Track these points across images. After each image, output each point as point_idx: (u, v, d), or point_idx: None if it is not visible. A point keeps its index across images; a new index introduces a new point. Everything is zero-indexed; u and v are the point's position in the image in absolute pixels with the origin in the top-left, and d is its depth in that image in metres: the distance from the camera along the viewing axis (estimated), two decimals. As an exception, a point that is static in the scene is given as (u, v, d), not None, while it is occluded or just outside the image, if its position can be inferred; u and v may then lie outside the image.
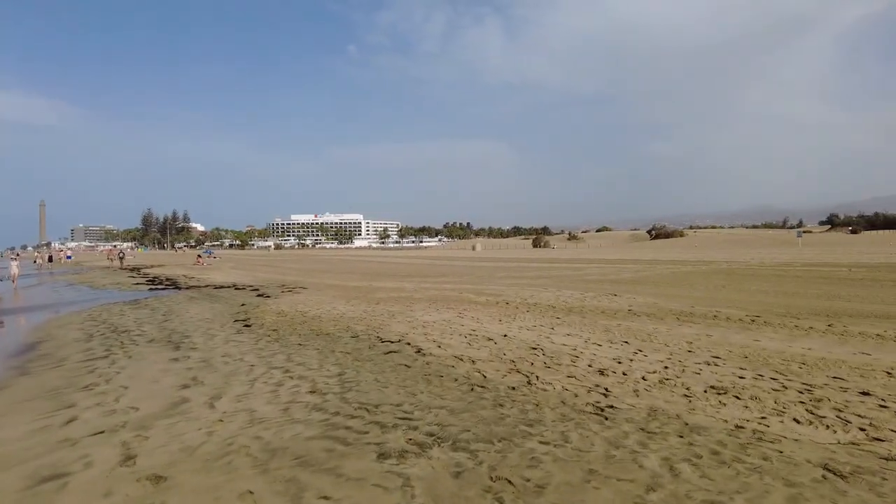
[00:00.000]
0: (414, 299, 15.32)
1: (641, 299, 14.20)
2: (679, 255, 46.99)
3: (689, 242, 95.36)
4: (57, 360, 9.11)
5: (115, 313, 15.02)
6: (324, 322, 11.55)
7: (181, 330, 11.42)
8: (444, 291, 17.48)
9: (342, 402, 5.72)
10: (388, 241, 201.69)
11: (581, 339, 9.13)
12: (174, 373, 7.59)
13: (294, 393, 6.19)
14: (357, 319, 11.71)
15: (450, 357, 7.69)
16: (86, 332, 11.92)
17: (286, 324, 11.56)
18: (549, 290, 16.98)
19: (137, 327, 12.14)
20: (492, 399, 5.72)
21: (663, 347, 8.43)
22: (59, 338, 11.47)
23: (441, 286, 19.89)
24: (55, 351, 10.02)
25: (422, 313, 12.28)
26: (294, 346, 9.04)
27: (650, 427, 4.93)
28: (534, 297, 14.75)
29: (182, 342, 10.01)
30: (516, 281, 21.39)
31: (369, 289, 19.86)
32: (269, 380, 6.88)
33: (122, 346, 9.87)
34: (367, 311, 13.16)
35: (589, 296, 14.97)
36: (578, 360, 7.56)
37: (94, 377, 7.63)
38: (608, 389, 6.11)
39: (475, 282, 21.83)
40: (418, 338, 9.25)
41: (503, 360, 7.46)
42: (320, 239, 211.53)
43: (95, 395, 6.67)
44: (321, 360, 7.83)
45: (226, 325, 11.81)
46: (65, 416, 5.94)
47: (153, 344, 9.99)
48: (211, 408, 5.83)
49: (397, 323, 10.96)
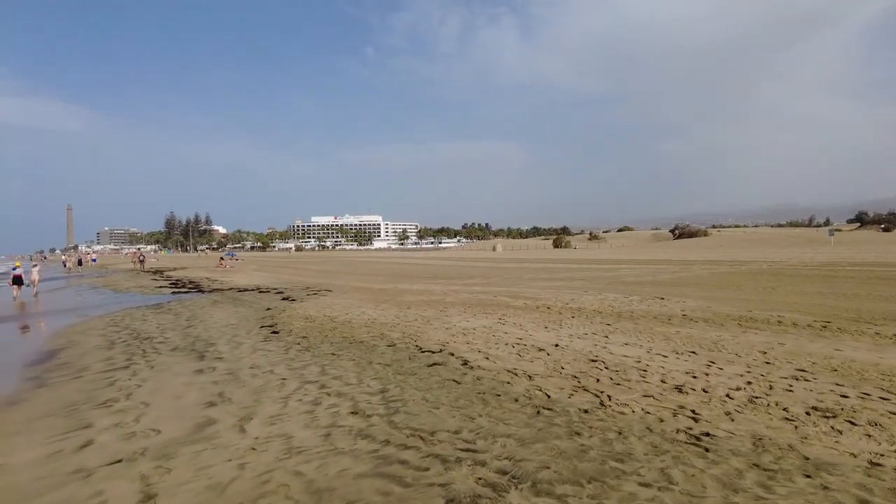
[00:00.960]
0: (446, 303, 14.56)
1: (692, 303, 13.24)
2: (709, 255, 45.50)
3: (714, 242, 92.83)
4: (77, 371, 8.55)
5: (137, 318, 14.54)
6: (355, 328, 10.84)
7: (205, 337, 10.81)
8: (476, 295, 16.69)
9: (391, 428, 4.97)
10: (407, 242, 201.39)
11: (642, 348, 8.27)
12: (199, 387, 6.93)
13: (334, 414, 5.46)
14: (390, 325, 10.99)
15: (502, 371, 6.90)
16: (107, 339, 11.40)
17: (316, 330, 10.88)
18: (588, 293, 16.08)
19: (160, 334, 11.58)
20: (565, 425, 4.92)
21: (736, 358, 7.54)
22: (81, 345, 10.96)
23: (471, 289, 19.11)
24: (75, 360, 9.48)
25: (459, 319, 11.51)
26: (327, 357, 8.33)
27: (764, 462, 4.10)
28: (575, 301, 13.88)
29: (206, 351, 9.38)
30: (549, 283, 20.50)
31: (396, 291, 19.17)
32: (303, 397, 6.17)
33: (144, 355, 9.28)
34: (398, 315, 12.43)
35: (634, 299, 14.05)
36: (648, 374, 6.72)
37: (113, 391, 7.01)
38: (695, 412, 5.27)
39: (505, 284, 21.00)
40: (461, 347, 8.48)
41: (564, 376, 6.64)
42: (340, 240, 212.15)
43: (114, 413, 6.04)
44: (359, 374, 7.10)
45: (252, 332, 11.17)
46: (80, 438, 5.30)
47: (176, 353, 9.38)
48: (241, 431, 5.13)
49: (434, 330, 10.20)
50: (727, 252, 53.34)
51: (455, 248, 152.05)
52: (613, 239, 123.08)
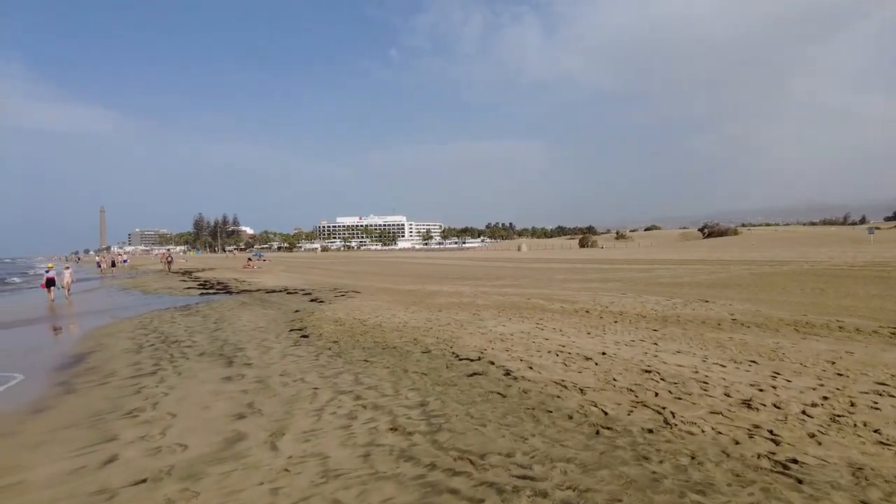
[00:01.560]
0: (478, 306, 14.08)
1: (739, 306, 12.52)
2: (743, 255, 44.02)
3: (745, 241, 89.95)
4: (104, 376, 8.32)
5: (165, 320, 14.40)
6: (386, 332, 10.45)
7: (233, 341, 10.54)
8: (508, 297, 16.17)
9: (436, 448, 4.52)
10: (431, 242, 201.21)
11: (696, 357, 7.68)
12: (227, 396, 6.60)
13: (372, 431, 5.04)
14: (423, 330, 10.56)
15: (549, 383, 6.40)
16: (135, 342, 11.22)
17: (346, 334, 10.52)
18: (626, 295, 15.43)
19: (188, 337, 11.36)
20: (630, 448, 4.41)
21: (803, 369, 6.91)
22: (108, 348, 10.79)
23: (501, 290, 18.59)
24: (103, 364, 9.28)
25: (494, 323, 11.02)
26: (360, 363, 7.94)
27: (872, 500, 3.54)
28: (615, 305, 13.27)
29: (235, 356, 9.08)
30: (583, 285, 19.86)
31: (424, 293, 18.77)
32: (338, 409, 5.76)
33: (172, 361, 9.03)
34: (430, 319, 12.00)
35: (677, 302, 13.37)
36: (709, 387, 6.15)
37: (140, 400, 6.72)
38: (773, 433, 4.70)
39: (537, 285, 20.42)
40: (501, 355, 8.00)
41: (618, 389, 6.11)
42: (365, 241, 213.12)
43: (140, 424, 5.73)
44: (395, 384, 6.68)
45: (281, 336, 10.86)
46: (105, 452, 4.99)
47: (204, 358, 9.10)
48: (273, 449, 4.74)
49: (470, 335, 9.73)
50: (761, 251, 51.64)
51: (479, 248, 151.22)
52: (641, 238, 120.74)
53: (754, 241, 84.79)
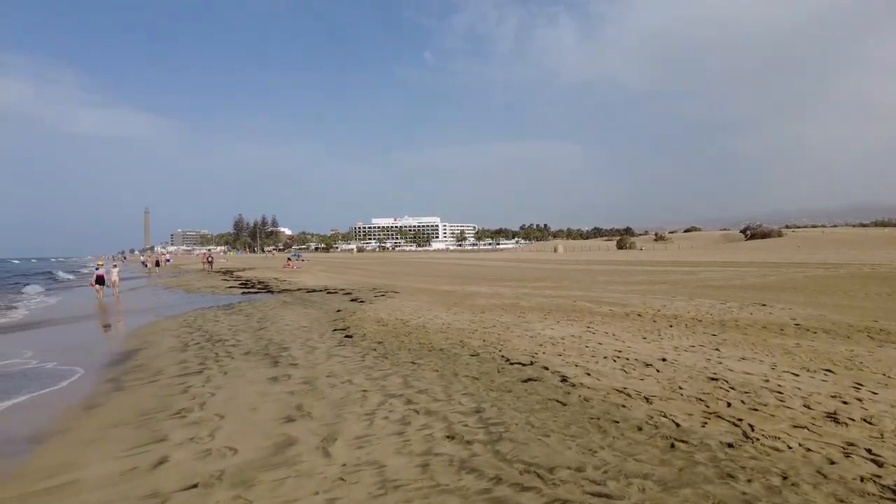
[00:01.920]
0: (522, 308, 13.73)
1: (800, 310, 11.82)
2: (791, 257, 42.22)
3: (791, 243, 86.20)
4: (151, 374, 8.34)
5: (209, 319, 14.53)
6: (431, 334, 10.22)
7: (278, 340, 10.49)
8: (551, 299, 15.76)
9: (498, 460, 4.23)
10: (465, 243, 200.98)
11: (763, 364, 7.18)
12: (274, 398, 6.46)
13: (427, 438, 4.79)
14: (468, 331, 10.29)
15: (611, 390, 6.03)
16: (181, 341, 11.30)
17: (390, 335, 10.33)
18: (676, 298, 14.82)
19: (232, 336, 11.38)
20: (711, 464, 4.03)
21: (887, 380, 6.35)
22: (155, 346, 10.89)
23: (543, 292, 18.17)
24: (150, 362, 9.33)
25: (542, 326, 10.66)
26: (407, 366, 7.71)
27: None
28: (667, 308, 12.72)
29: (280, 356, 9.00)
30: (630, 287, 19.25)
31: (464, 294, 18.50)
32: (389, 414, 5.54)
33: (217, 360, 9.00)
34: (474, 320, 11.72)
35: (733, 306, 12.73)
36: (785, 398, 5.68)
37: (187, 399, 6.66)
38: (872, 452, 4.24)
39: (580, 287, 19.92)
40: (554, 360, 7.65)
41: (686, 398, 5.71)
42: (399, 242, 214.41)
43: (188, 425, 5.63)
44: (446, 388, 6.42)
45: (325, 335, 10.76)
46: (155, 454, 4.88)
47: (249, 357, 9.05)
48: (325, 456, 4.54)
49: (518, 338, 9.41)
50: (810, 254, 49.50)
51: (513, 249, 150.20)
52: (680, 240, 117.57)
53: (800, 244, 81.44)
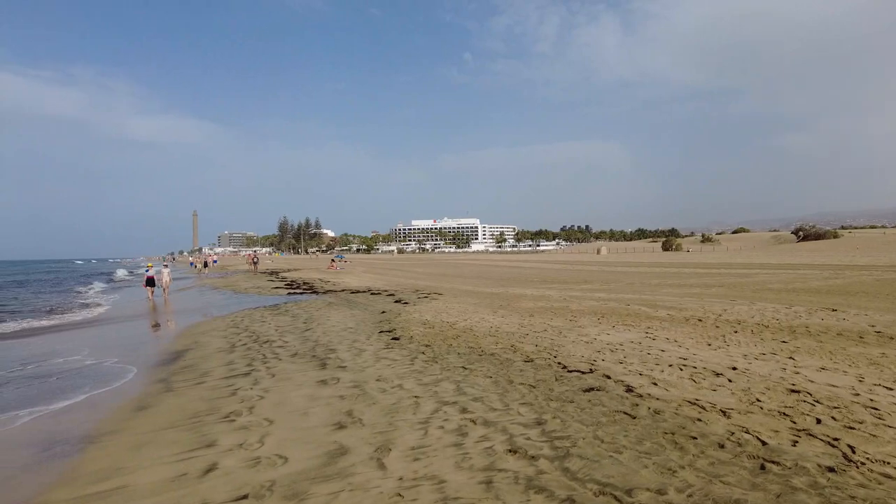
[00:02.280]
0: (573, 311, 13.22)
1: (878, 316, 10.92)
2: (852, 260, 39.84)
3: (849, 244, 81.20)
4: (200, 375, 8.29)
5: (256, 320, 14.60)
6: (479, 337, 9.88)
7: (325, 342, 10.35)
8: (603, 302, 15.17)
9: (568, 478, 3.86)
10: (505, 245, 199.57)
11: (847, 376, 6.53)
12: (324, 402, 6.25)
13: (488, 451, 4.45)
14: (518, 336, 9.90)
15: (682, 402, 5.56)
16: (228, 341, 11.32)
17: (437, 337, 10.05)
18: (737, 302, 14.01)
19: (279, 337, 11.33)
20: (813, 491, 3.54)
21: None
22: (204, 346, 10.93)
23: (593, 295, 17.57)
24: (199, 362, 9.32)
25: (596, 331, 10.17)
26: (457, 370, 7.40)
27: None
28: (729, 312, 11.99)
29: (328, 358, 8.83)
30: (683, 290, 18.42)
31: (509, 296, 18.08)
32: (445, 423, 5.22)
33: (265, 361, 8.90)
34: (523, 324, 11.31)
35: (800, 311, 11.89)
36: (883, 415, 5.08)
37: (236, 402, 6.52)
38: None
39: (631, 290, 19.19)
40: (615, 368, 7.19)
41: (767, 413, 5.18)
42: (439, 243, 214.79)
43: (237, 430, 5.46)
44: (501, 396, 6.07)
45: (372, 337, 10.57)
46: (204, 460, 4.71)
47: (297, 359, 8.92)
48: (380, 468, 4.26)
49: (573, 344, 8.97)
50: (873, 256, 46.68)
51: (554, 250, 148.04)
52: (728, 241, 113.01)
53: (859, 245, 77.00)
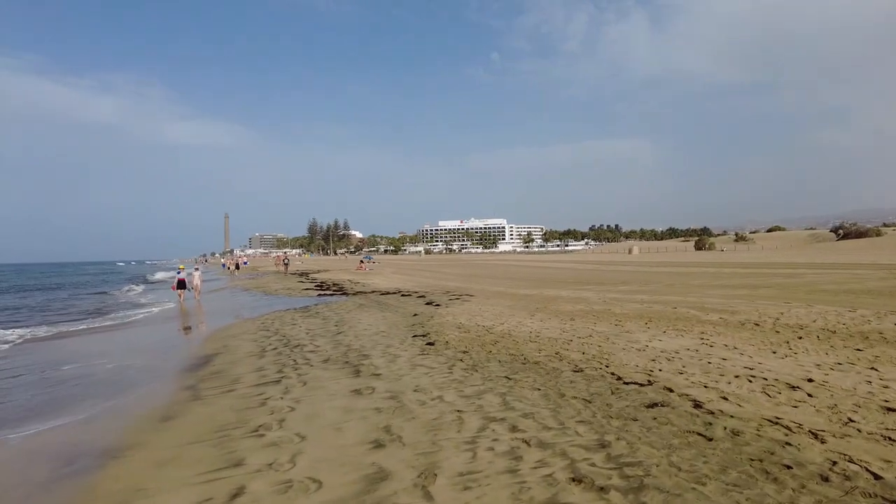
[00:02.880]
0: (616, 315, 12.53)
1: (958, 321, 9.98)
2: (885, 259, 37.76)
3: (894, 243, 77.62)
4: (229, 382, 7.94)
5: (286, 322, 14.30)
6: (520, 343, 9.31)
7: (357, 346, 9.92)
8: (647, 305, 14.42)
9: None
10: (533, 245, 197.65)
11: (950, 391, 5.77)
12: (360, 416, 5.78)
13: (548, 480, 3.90)
14: (562, 342, 9.30)
15: (762, 421, 4.90)
16: (258, 345, 11.00)
17: (474, 343, 9.52)
18: (791, 304, 13.10)
19: (310, 341, 10.96)
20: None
21: None
22: (233, 350, 10.63)
23: (634, 297, 16.80)
24: (228, 368, 8.99)
25: (646, 337, 9.50)
26: (501, 381, 6.85)
27: None
28: (785, 316, 11.14)
29: (361, 364, 8.39)
30: (730, 291, 17.49)
31: (544, 298, 17.44)
32: (494, 444, 4.69)
33: (296, 367, 8.51)
34: (564, 329, 10.70)
35: (866, 314, 10.95)
36: None
37: (265, 414, 6.11)
38: None
39: (673, 292, 18.34)
40: (676, 379, 6.55)
41: (868, 436, 4.49)
42: (466, 244, 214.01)
43: (267, 447, 5.02)
44: (554, 412, 5.50)
45: (405, 342, 10.11)
46: (231, 482, 4.29)
47: (329, 365, 8.50)
48: (426, 498, 3.75)
49: (624, 351, 8.33)
50: (926, 255, 44.26)
51: (583, 250, 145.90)
52: (763, 240, 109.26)
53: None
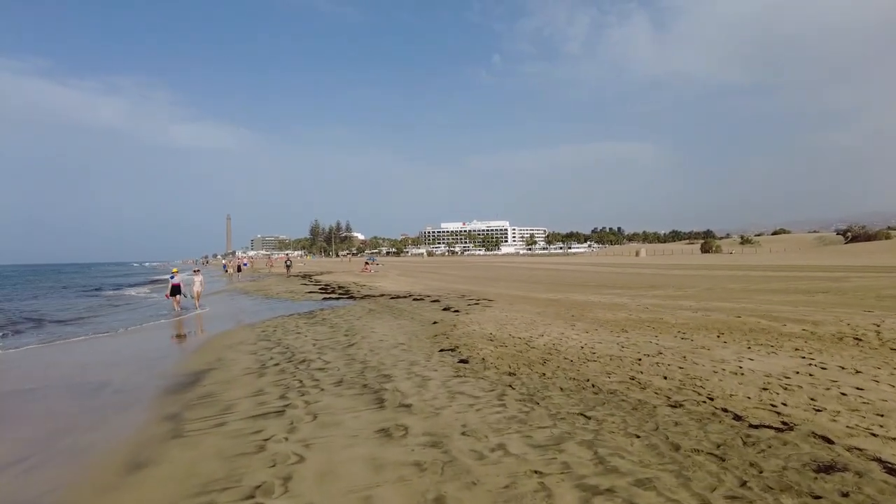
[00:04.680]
0: (672, 325, 10.85)
1: None
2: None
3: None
4: (220, 411, 6.34)
5: (290, 330, 12.67)
6: (576, 363, 7.65)
7: (375, 363, 8.29)
8: (703, 313, 12.75)
9: None
10: (535, 247, 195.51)
11: None
12: (395, 475, 4.14)
13: None
14: (629, 361, 7.64)
15: None
16: (258, 359, 9.40)
17: (517, 361, 7.88)
18: (873, 312, 11.42)
19: (318, 355, 9.34)
20: None
21: None
22: (229, 365, 9.03)
23: (677, 303, 15.16)
24: (221, 390, 7.39)
25: (730, 354, 7.81)
26: (577, 420, 5.18)
27: None
28: (886, 328, 9.45)
29: (383, 389, 6.75)
30: (781, 297, 15.82)
31: (572, 304, 15.80)
32: (615, 543, 3.05)
33: (302, 391, 6.88)
34: (622, 343, 9.04)
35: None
36: None
37: (264, 466, 4.48)
38: None
39: (716, 297, 16.69)
40: (820, 420, 4.86)
41: None
42: (468, 246, 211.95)
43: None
44: (681, 477, 3.81)
45: (432, 358, 8.48)
46: None
47: (343, 390, 6.86)
48: None
49: (715, 375, 6.64)
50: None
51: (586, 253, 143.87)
52: (768, 243, 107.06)
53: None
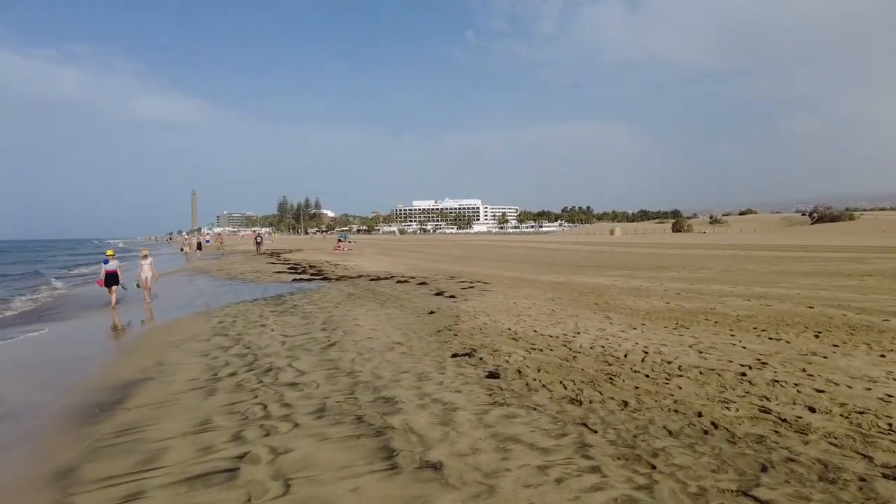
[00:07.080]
0: (736, 318, 8.92)
1: None
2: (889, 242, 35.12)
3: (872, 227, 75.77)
4: (140, 462, 4.12)
5: (253, 321, 10.32)
6: (659, 382, 5.53)
7: (367, 376, 6.07)
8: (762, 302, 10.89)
9: None
10: (507, 226, 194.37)
11: None
12: None
13: None
14: (730, 376, 5.59)
15: None
16: (209, 364, 7.11)
17: (569, 374, 5.76)
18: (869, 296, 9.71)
19: (289, 360, 7.07)
20: None
21: None
22: (169, 375, 6.69)
23: (709, 287, 13.36)
24: (150, 420, 5.08)
25: (860, 367, 5.83)
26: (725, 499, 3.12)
27: None
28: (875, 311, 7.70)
29: (388, 427, 4.53)
30: (819, 280, 14.16)
31: (583, 287, 13.86)
32: None
33: (267, 431, 4.60)
34: (700, 349, 7.02)
35: None
36: None
37: None
38: None
39: (745, 281, 14.98)
40: None
41: None
42: (440, 224, 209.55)
43: None
44: None
45: (445, 367, 6.31)
46: None
47: (327, 425, 4.63)
48: None
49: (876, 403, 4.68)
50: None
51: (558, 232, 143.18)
52: (737, 223, 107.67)
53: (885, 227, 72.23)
